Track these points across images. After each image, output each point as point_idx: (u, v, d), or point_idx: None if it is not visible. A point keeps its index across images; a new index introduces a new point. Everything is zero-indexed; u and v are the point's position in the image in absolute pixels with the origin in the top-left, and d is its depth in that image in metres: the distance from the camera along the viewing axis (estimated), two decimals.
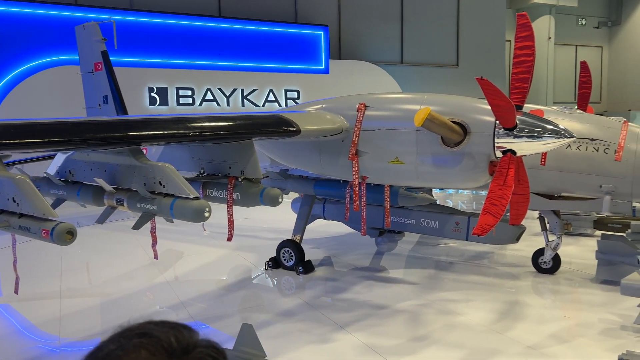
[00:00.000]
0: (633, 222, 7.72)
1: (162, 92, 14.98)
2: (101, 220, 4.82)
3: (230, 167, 4.93)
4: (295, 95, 17.03)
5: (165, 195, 4.16)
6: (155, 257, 5.54)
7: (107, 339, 0.95)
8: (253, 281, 7.57)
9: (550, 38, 24.04)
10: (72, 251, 8.93)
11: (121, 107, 9.77)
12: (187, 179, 4.83)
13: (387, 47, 19.51)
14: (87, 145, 3.76)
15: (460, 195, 15.04)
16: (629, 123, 6.38)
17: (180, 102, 15.23)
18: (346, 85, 16.93)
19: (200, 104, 15.52)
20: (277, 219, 10.77)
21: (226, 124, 4.53)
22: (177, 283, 7.42)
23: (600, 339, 5.24)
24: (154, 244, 5.35)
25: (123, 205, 4.40)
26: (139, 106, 14.42)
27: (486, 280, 7.24)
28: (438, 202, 8.30)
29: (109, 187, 4.43)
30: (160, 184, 4.17)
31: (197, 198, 4.06)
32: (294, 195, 9.05)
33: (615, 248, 6.73)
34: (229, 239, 5.25)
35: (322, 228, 9.98)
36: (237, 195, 4.79)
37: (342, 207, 8.01)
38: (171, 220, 4.47)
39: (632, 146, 6.07)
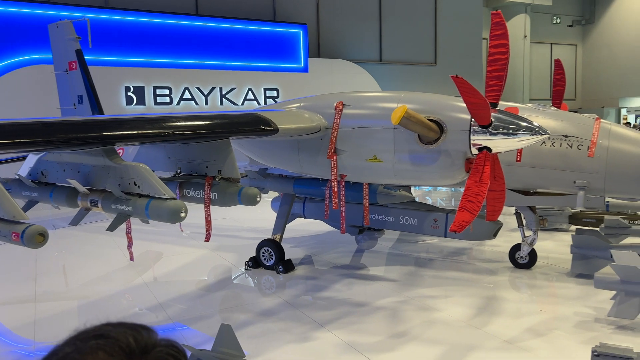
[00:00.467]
0: (606, 217, 7.91)
1: (139, 92, 14.79)
2: (75, 222, 4.73)
3: (207, 167, 4.88)
4: (274, 93, 16.97)
5: (141, 195, 4.11)
6: (131, 258, 5.47)
7: (63, 342, 0.92)
8: (233, 281, 7.53)
9: (526, 36, 24.43)
10: (48, 254, 8.78)
11: (97, 107, 9.62)
12: (163, 179, 4.78)
13: (365, 45, 19.58)
14: (59, 146, 3.69)
15: (439, 192, 15.18)
16: (601, 119, 6.51)
17: (158, 101, 15.06)
18: (325, 83, 16.96)
19: (178, 103, 15.37)
20: (257, 218, 10.75)
21: (202, 123, 4.49)
22: (156, 284, 7.34)
23: (575, 331, 5.34)
24: (130, 245, 5.28)
25: (97, 207, 4.33)
26: (116, 106, 14.22)
27: (465, 276, 7.32)
28: (417, 200, 8.36)
29: (82, 188, 4.35)
30: (135, 185, 4.11)
31: (173, 198, 4.01)
32: (273, 194, 9.03)
33: (589, 242, 6.86)
34: (207, 239, 5.21)
35: (303, 227, 9.97)
36: (215, 195, 4.75)
37: (322, 206, 8.01)
38: (147, 221, 4.41)
39: (604, 142, 6.20)
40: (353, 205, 7.57)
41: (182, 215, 3.94)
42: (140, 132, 3.93)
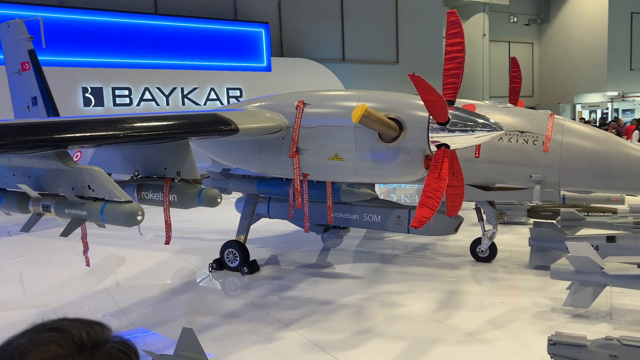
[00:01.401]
0: (562, 210, 8.16)
1: (97, 92, 14.42)
2: (26, 228, 4.56)
3: (165, 168, 4.79)
4: (237, 93, 16.83)
5: (95, 199, 3.99)
6: (88, 264, 5.32)
7: (18, 334, 0.94)
8: (197, 284, 7.43)
9: (484, 35, 24.96)
10: (4, 261, 8.47)
11: (52, 109, 9.34)
12: (121, 182, 4.67)
13: (328, 44, 19.63)
14: (7, 149, 3.55)
15: (404, 189, 15.37)
16: (555, 115, 6.71)
17: (117, 102, 14.72)
18: (289, 82, 16.92)
19: (138, 104, 15.05)
20: (221, 220, 10.63)
21: (159, 124, 4.40)
22: (118, 290, 7.17)
23: (533, 321, 5.49)
24: (85, 250, 5.13)
25: (50, 212, 4.19)
26: (73, 107, 13.82)
27: (428, 271, 7.43)
28: (382, 197, 8.44)
29: (34, 193, 4.20)
30: (90, 188, 3.99)
31: (129, 201, 3.91)
32: (237, 194, 8.95)
33: (546, 235, 7.07)
34: (167, 242, 5.12)
35: (268, 227, 9.93)
36: (174, 197, 4.67)
37: (286, 205, 7.99)
38: (102, 226, 4.29)
39: (557, 137, 6.39)
40: (317, 204, 7.58)
41: (139, 218, 3.85)
42: (93, 134, 3.82)
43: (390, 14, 20.93)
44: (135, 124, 4.15)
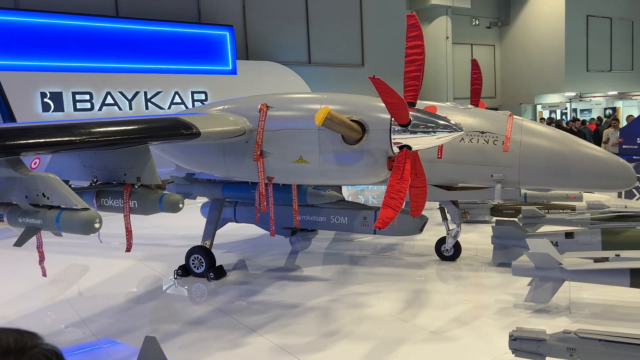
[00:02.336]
0: (524, 208, 8.37)
1: (57, 97, 14.00)
2: None
3: (125, 174, 4.69)
4: (202, 96, 16.63)
5: (51, 207, 3.88)
6: (44, 274, 5.15)
7: None
8: (162, 291, 7.30)
9: (447, 37, 25.40)
10: None
11: (8, 115, 9.05)
12: (79, 189, 4.55)
13: (294, 47, 19.61)
14: None
15: (371, 191, 15.48)
16: (514, 115, 6.87)
17: (78, 107, 14.32)
18: (255, 85, 16.80)
19: (100, 109, 14.69)
20: (187, 225, 10.49)
21: (117, 129, 4.30)
22: (81, 300, 6.98)
23: (496, 318, 5.61)
24: (41, 260, 4.97)
25: (3, 221, 4.04)
26: (31, 113, 13.38)
27: (395, 271, 7.50)
28: (350, 199, 8.48)
29: None
30: (44, 196, 3.87)
31: (86, 208, 3.82)
32: (202, 199, 8.84)
33: (508, 233, 7.24)
34: (128, 250, 5.02)
35: (236, 231, 9.84)
36: (134, 203, 4.58)
37: (253, 209, 7.93)
38: (59, 234, 4.17)
39: (517, 137, 6.56)
40: (283, 207, 7.56)
41: (96, 225, 3.76)
42: (48, 140, 3.71)
43: (355, 16, 21.08)
44: (92, 130, 4.04)
